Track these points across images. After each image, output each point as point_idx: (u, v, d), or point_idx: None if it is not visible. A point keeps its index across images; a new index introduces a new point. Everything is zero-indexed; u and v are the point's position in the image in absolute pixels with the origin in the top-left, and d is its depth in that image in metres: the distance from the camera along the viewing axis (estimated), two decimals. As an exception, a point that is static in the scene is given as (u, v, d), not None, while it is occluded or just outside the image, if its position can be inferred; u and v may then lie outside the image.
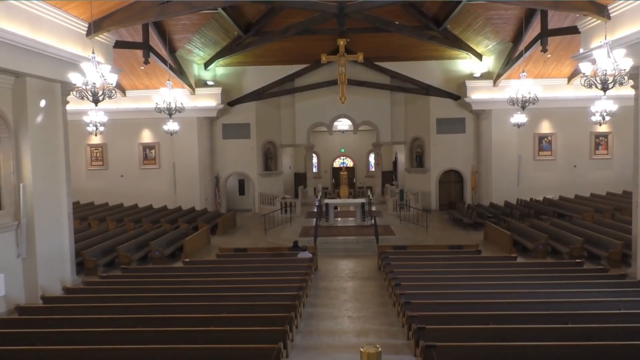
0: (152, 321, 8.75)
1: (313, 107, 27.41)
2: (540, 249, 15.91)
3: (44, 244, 12.28)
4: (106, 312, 9.32)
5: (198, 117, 25.22)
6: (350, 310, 11.32)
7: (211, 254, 16.79)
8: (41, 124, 12.34)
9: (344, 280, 14.05)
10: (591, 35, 13.57)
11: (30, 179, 11.95)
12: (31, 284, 12.02)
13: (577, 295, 9.86)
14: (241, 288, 10.98)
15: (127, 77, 23.52)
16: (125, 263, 15.23)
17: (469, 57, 24.65)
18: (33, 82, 11.98)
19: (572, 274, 11.89)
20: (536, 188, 25.21)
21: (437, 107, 26.04)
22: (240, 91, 26.30)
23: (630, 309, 9.03)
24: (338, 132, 32.19)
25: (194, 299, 10.16)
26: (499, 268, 12.68)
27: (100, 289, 11.38)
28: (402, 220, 21.81)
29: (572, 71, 23.17)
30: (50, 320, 8.85)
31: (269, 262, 14.15)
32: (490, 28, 21.39)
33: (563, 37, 19.40)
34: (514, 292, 10.16)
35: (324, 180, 34.60)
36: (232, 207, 27.60)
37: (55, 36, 12.00)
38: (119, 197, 25.95)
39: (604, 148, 25.48)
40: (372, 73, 26.20)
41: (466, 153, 26.06)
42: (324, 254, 16.67)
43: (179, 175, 25.69)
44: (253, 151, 26.71)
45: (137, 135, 26.15)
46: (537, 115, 24.37)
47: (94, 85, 9.20)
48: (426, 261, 13.65)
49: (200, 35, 22.04)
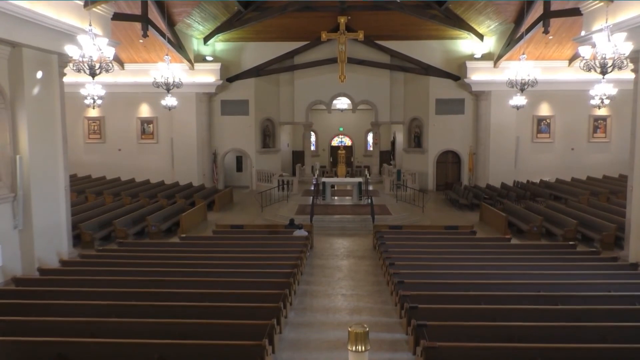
0: (147, 295, 8.84)
1: (312, 85, 27.23)
2: (535, 230, 16.02)
3: (40, 216, 12.32)
4: (101, 285, 9.41)
5: (197, 93, 25.09)
6: (345, 288, 11.44)
7: (208, 230, 16.87)
8: (38, 95, 12.26)
9: (339, 258, 14.16)
10: (593, 18, 13.44)
11: (26, 151, 11.92)
12: (28, 255, 12.09)
13: (569, 277, 9.96)
14: (237, 265, 11.06)
15: (126, 50, 23.29)
16: (121, 237, 15.30)
17: (470, 37, 24.42)
18: (30, 53, 11.87)
19: (564, 256, 12.00)
20: (533, 170, 25.29)
21: (436, 87, 25.90)
22: (240, 67, 26.10)
23: (621, 291, 9.14)
24: (337, 111, 32.05)
25: (189, 274, 10.24)
26: (492, 249, 12.78)
27: (97, 262, 11.45)
28: (398, 200, 21.87)
29: (574, 54, 22.99)
30: (46, 292, 8.92)
31: (265, 240, 14.22)
32: (492, 8, 21.16)
33: (565, 19, 19.23)
34: (506, 273, 10.26)
35: (322, 159, 34.55)
36: (230, 183, 27.63)
37: (52, 6, 11.83)
38: (116, 171, 25.93)
39: (602, 131, 25.47)
40: (372, 51, 25.98)
41: (464, 134, 26.01)
42: (320, 232, 16.76)
43: (177, 150, 25.66)
44: (251, 128, 26.63)
45: (135, 109, 26.01)
46: (537, 98, 24.28)
47: (91, 59, 9.11)
48: (421, 241, 13.74)
49: (200, 9, 21.77)
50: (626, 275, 10.23)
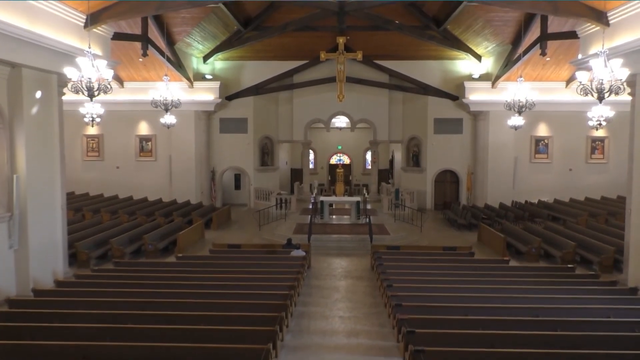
0: (142, 318, 8.74)
1: (311, 104, 27.36)
2: (533, 252, 15.95)
3: (36, 235, 12.25)
4: (96, 307, 9.31)
5: (196, 111, 25.16)
6: (342, 310, 11.34)
7: (205, 249, 16.77)
8: (36, 115, 12.28)
9: (336, 279, 14.06)
10: (590, 42, 13.54)
11: (24, 170, 11.91)
12: (23, 275, 12.01)
13: (568, 302, 9.89)
14: (233, 286, 10.98)
15: (125, 68, 23.41)
16: (118, 256, 15.21)
17: (468, 58, 24.61)
18: (29, 73, 11.93)
19: (563, 279, 11.94)
20: (531, 190, 25.28)
21: (435, 107, 26.02)
22: (239, 85, 26.24)
23: (620, 317, 9.08)
24: (335, 129, 32.18)
25: (185, 295, 10.14)
26: (491, 271, 12.70)
27: (92, 283, 11.35)
28: (396, 219, 21.83)
29: (571, 75, 23.14)
30: (40, 314, 8.82)
31: (262, 260, 14.13)
32: (490, 30, 21.36)
33: (562, 41, 19.40)
34: (505, 297, 10.19)
35: (320, 177, 34.57)
36: (228, 201, 27.57)
37: (52, 27, 11.92)
38: (114, 188, 25.87)
39: (600, 152, 25.54)
40: (371, 71, 26.16)
41: (463, 154, 26.06)
42: (318, 252, 16.68)
43: (175, 168, 25.64)
44: (250, 146, 26.68)
45: (134, 127, 26.04)
46: (535, 118, 24.39)
47: (90, 80, 9.14)
48: (419, 262, 13.66)
49: (200, 29, 21.94)
50: (625, 300, 10.16)
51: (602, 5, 12.10)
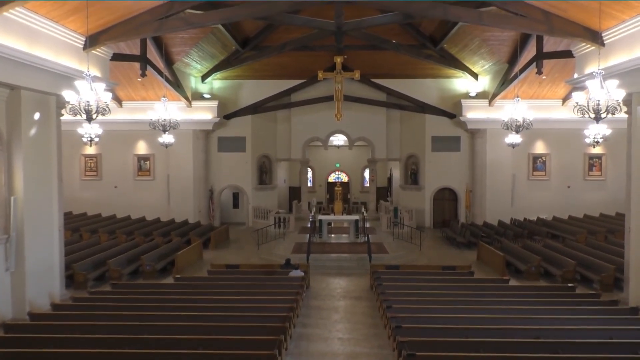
0: (140, 342, 8.63)
1: (309, 122, 27.46)
2: (533, 271, 15.88)
3: (33, 257, 12.16)
4: (93, 332, 9.20)
5: (194, 130, 25.23)
6: (341, 332, 11.25)
7: (203, 270, 16.66)
8: (35, 136, 12.28)
9: (335, 299, 13.96)
10: (585, 61, 13.65)
11: (21, 192, 11.86)
12: (19, 298, 11.89)
13: (569, 323, 9.81)
14: (231, 308, 10.88)
15: (124, 88, 23.52)
16: (115, 277, 15.10)
17: (465, 76, 24.79)
18: (28, 95, 11.94)
19: (564, 299, 11.86)
20: (530, 208, 25.25)
21: (432, 125, 26.15)
22: (237, 104, 26.35)
23: (622, 338, 8.99)
24: (334, 147, 32.27)
25: (183, 318, 10.03)
26: (491, 291, 12.62)
27: (89, 306, 11.22)
28: (395, 237, 21.75)
29: (567, 93, 23.30)
30: (37, 339, 8.71)
31: (260, 280, 14.02)
32: (486, 49, 21.56)
33: (558, 60, 19.55)
34: (505, 318, 10.10)
35: (319, 195, 34.54)
36: (226, 220, 27.50)
37: (51, 49, 11.98)
38: (112, 208, 25.79)
39: (597, 169, 25.59)
40: (369, 89, 26.31)
41: (461, 171, 26.11)
42: (317, 272, 16.58)
43: (173, 187, 25.62)
44: (248, 165, 26.70)
45: (132, 146, 26.07)
46: (532, 136, 24.46)
47: (88, 103, 9.16)
48: (418, 282, 13.56)
49: (198, 49, 22.09)
50: (627, 320, 10.09)
51: (597, 25, 12.21)
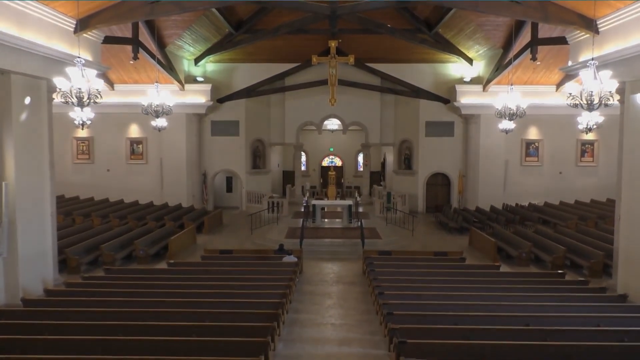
0: (133, 329, 8.69)
1: (303, 106, 27.35)
2: (524, 257, 16.05)
3: (26, 243, 12.12)
4: (87, 318, 9.23)
5: (187, 114, 25.05)
6: (334, 317, 11.35)
7: (196, 254, 16.71)
8: (25, 121, 12.15)
9: (328, 284, 14.07)
10: (580, 49, 13.64)
11: (13, 177, 11.78)
12: (12, 283, 11.88)
13: (558, 310, 9.96)
14: (224, 294, 10.94)
15: (116, 71, 23.27)
16: (108, 262, 15.13)
17: (460, 61, 24.69)
18: (18, 79, 11.79)
19: (553, 286, 12.00)
20: (522, 193, 25.43)
21: (426, 110, 26.12)
22: (230, 88, 26.15)
23: (610, 325, 9.15)
24: (327, 132, 32.19)
25: (176, 304, 10.09)
26: (482, 278, 12.75)
27: (82, 292, 11.25)
28: (388, 222, 21.86)
29: (561, 79, 23.31)
30: (30, 326, 8.74)
31: (253, 266, 14.11)
32: (481, 34, 21.46)
33: (553, 46, 19.50)
34: (495, 305, 10.24)
35: (312, 179, 34.57)
36: (219, 204, 27.50)
37: (42, 33, 11.81)
38: (104, 191, 25.72)
39: (589, 155, 25.74)
40: (363, 74, 26.16)
41: (454, 156, 26.17)
42: (310, 257, 16.67)
43: (166, 171, 25.52)
44: (242, 149, 26.62)
45: (124, 129, 25.89)
46: (525, 122, 24.45)
47: (79, 90, 9.07)
48: (410, 268, 13.67)
49: (191, 32, 21.85)
50: (615, 307, 10.25)
51: (591, 13, 12.17)
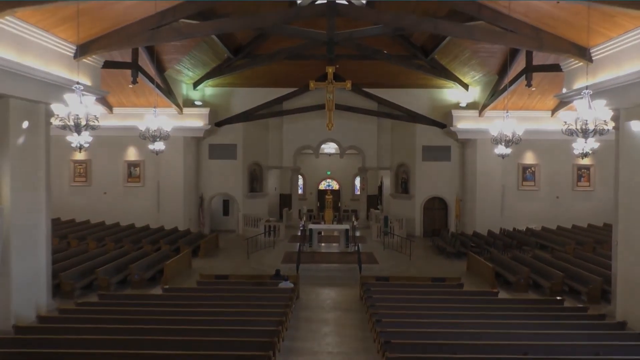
0: (128, 358, 8.55)
1: (300, 130, 27.51)
2: (522, 282, 15.95)
3: (19, 268, 12.01)
4: (80, 346, 9.08)
5: (185, 137, 25.10)
6: (331, 345, 11.22)
7: (192, 279, 16.55)
8: (23, 145, 12.15)
9: (325, 311, 13.94)
10: (574, 76, 13.77)
11: (8, 200, 11.73)
12: (4, 309, 11.72)
13: (557, 338, 9.85)
14: (219, 321, 10.80)
15: (115, 94, 23.36)
16: (103, 287, 14.98)
17: (456, 87, 24.95)
18: (17, 103, 11.83)
19: (552, 313, 11.91)
20: (519, 218, 25.40)
21: (423, 134, 26.29)
22: (228, 112, 26.30)
23: (609, 353, 9.06)
24: (325, 155, 32.29)
25: (170, 332, 9.96)
26: (480, 304, 12.63)
27: (75, 319, 11.06)
28: (385, 247, 21.77)
29: (556, 105, 23.51)
30: (21, 355, 8.60)
31: (249, 292, 13.93)
32: (476, 60, 21.72)
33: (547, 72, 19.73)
34: (494, 333, 10.13)
35: (309, 202, 34.55)
36: (216, 227, 27.39)
37: (41, 58, 11.86)
38: (101, 214, 25.57)
39: (585, 180, 25.81)
40: (360, 99, 26.38)
41: (451, 181, 26.24)
42: (307, 282, 16.52)
43: (163, 194, 25.46)
44: (239, 172, 26.65)
45: (122, 152, 25.89)
46: (521, 146, 24.45)
47: (77, 117, 9.10)
48: (408, 295, 13.56)
49: (190, 57, 22.05)
50: (614, 335, 10.15)
51: (585, 42, 12.33)
